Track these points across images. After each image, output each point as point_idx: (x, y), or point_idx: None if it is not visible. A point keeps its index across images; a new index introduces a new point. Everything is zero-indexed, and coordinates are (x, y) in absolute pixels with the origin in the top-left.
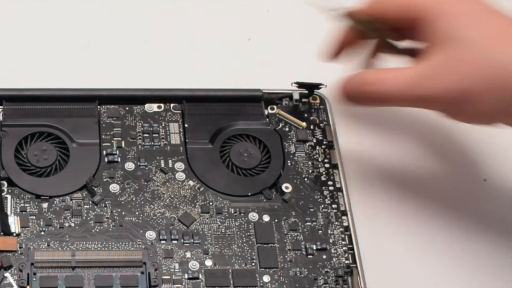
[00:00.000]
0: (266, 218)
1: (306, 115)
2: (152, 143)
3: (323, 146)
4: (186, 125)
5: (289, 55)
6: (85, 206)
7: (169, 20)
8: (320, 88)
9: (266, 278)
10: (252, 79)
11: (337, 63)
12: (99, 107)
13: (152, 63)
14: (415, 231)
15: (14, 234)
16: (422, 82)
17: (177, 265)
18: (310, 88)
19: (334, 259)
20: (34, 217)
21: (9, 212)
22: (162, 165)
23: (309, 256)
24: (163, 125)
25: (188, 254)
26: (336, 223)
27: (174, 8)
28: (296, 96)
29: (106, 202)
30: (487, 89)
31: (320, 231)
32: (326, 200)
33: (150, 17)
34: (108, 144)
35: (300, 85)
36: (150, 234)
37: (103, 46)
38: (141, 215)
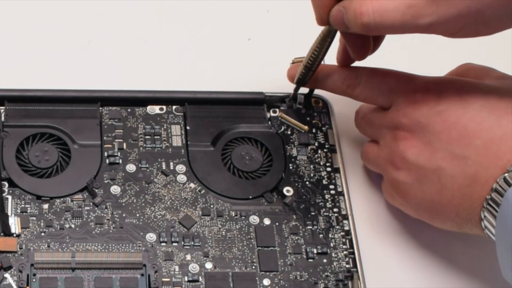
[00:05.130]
0: (267, 221)
1: (308, 118)
2: (154, 145)
3: (325, 150)
4: (188, 128)
5: (289, 55)
6: (85, 208)
7: (169, 20)
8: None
9: (266, 282)
10: (251, 79)
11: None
12: (101, 108)
13: (152, 63)
14: (416, 235)
15: (15, 235)
16: (426, 9)
17: (177, 268)
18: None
19: (334, 263)
20: (34, 218)
21: (9, 213)
22: (164, 167)
23: (310, 260)
24: (165, 127)
25: (188, 257)
26: (337, 227)
27: (174, 8)
28: (298, 98)
29: (107, 204)
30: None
31: (321, 235)
32: (328, 204)
33: (150, 17)
34: (110, 145)
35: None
36: (151, 236)
37: (103, 46)
38: (142, 217)
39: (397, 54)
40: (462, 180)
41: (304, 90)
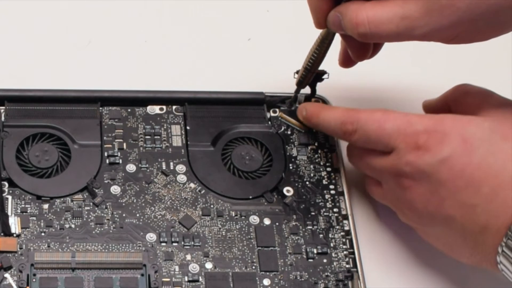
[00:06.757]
0: (267, 221)
1: None
2: (154, 145)
3: (325, 150)
4: (188, 128)
5: (289, 55)
6: (85, 208)
7: (169, 20)
8: (323, 77)
9: (266, 282)
10: (251, 79)
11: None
12: (101, 108)
13: (152, 63)
14: (416, 235)
15: (15, 235)
16: (420, 21)
17: (177, 268)
18: (315, 79)
19: (334, 263)
20: (34, 218)
21: (9, 213)
22: (164, 167)
23: (310, 260)
24: (165, 127)
25: (189, 257)
26: (337, 227)
27: (174, 8)
28: (299, 98)
29: (107, 204)
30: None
31: (321, 235)
32: (328, 204)
33: (150, 17)
34: (110, 145)
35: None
36: (151, 236)
37: (103, 46)
38: (142, 217)
39: (397, 55)
40: (473, 228)
41: (305, 91)
